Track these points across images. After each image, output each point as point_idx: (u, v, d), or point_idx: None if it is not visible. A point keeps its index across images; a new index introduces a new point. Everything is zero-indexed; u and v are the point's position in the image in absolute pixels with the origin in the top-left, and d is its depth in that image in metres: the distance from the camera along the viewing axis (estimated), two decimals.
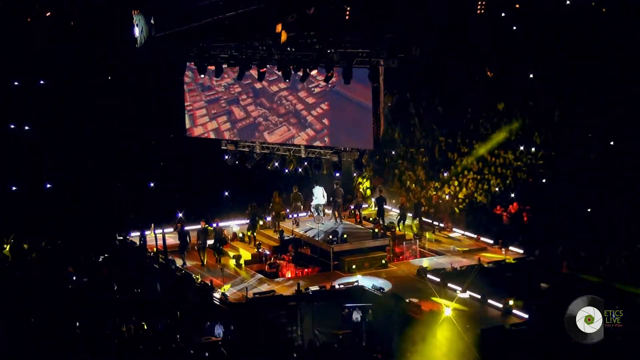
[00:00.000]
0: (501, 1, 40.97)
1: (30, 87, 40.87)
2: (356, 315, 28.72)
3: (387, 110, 39.72)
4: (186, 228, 34.34)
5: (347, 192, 39.14)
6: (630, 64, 36.68)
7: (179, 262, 33.18)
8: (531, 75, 40.46)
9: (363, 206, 39.57)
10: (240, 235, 36.40)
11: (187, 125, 37.02)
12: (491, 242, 35.48)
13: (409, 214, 37.17)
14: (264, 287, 31.02)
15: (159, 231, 34.96)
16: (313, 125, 34.43)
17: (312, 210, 36.55)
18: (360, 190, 41.47)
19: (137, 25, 33.75)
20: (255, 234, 35.83)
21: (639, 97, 36.15)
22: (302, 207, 37.52)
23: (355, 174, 40.27)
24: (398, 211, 37.73)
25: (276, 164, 36.84)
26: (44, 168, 39.45)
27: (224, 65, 34.53)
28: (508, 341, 26.35)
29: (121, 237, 35.92)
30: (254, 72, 34.41)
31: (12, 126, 40.43)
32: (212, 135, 36.69)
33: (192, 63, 35.53)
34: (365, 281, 31.29)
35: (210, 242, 34.16)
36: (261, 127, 35.64)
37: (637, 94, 36.17)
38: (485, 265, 32.58)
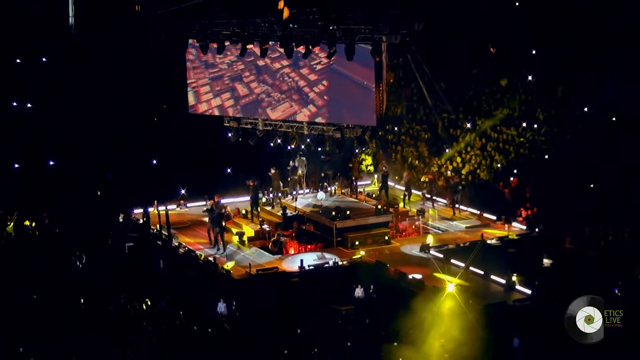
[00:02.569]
0: None
1: (31, 64, 40.68)
2: (359, 292, 28.71)
3: (390, 87, 39.56)
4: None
5: (347, 169, 39.27)
6: (632, 40, 36.45)
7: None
8: (534, 51, 40.24)
9: (363, 182, 39.65)
10: (243, 212, 36.38)
11: (192, 102, 36.92)
12: (494, 218, 35.47)
13: (416, 192, 37.32)
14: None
15: (161, 208, 34.92)
16: (315, 102, 34.32)
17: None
18: (362, 166, 41.47)
19: (138, 2, 33.60)
20: (258, 210, 35.80)
21: None
22: (299, 181, 37.56)
23: (357, 151, 40.10)
24: (403, 188, 37.78)
25: (279, 140, 36.76)
26: (46, 146, 39.32)
27: (227, 43, 34.38)
28: (511, 317, 26.34)
29: (124, 214, 35.87)
30: (256, 49, 34.27)
31: (14, 104, 40.29)
32: (216, 112, 36.60)
33: (195, 40, 35.36)
34: (369, 257, 31.32)
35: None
36: (264, 103, 35.54)
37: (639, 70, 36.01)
38: (488, 242, 32.56)
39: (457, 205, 36.57)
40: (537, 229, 33.61)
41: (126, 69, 40.52)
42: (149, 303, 27.09)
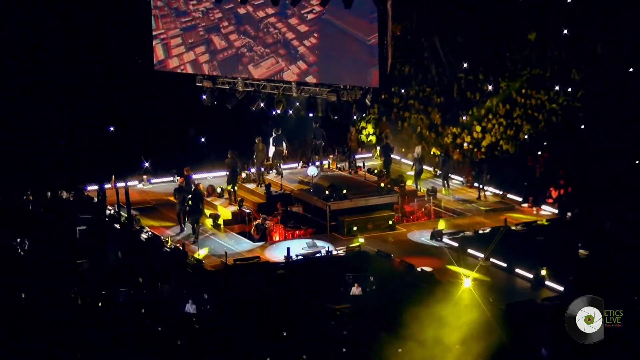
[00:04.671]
0: None
1: None
2: (356, 288, 28.60)
3: (396, 41, 39.37)
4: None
5: (344, 140, 39.16)
6: None
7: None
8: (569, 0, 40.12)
9: (363, 155, 39.71)
10: (219, 190, 36.22)
11: (160, 57, 36.77)
12: (520, 199, 35.38)
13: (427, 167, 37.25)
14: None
15: (121, 184, 34.75)
16: (305, 57, 34.10)
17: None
18: (362, 136, 41.36)
19: None
20: (236, 188, 35.64)
21: None
22: (285, 153, 37.45)
23: (356, 117, 40.01)
24: (412, 163, 37.64)
25: (262, 104, 36.59)
26: None
27: None
28: (538, 318, 26.29)
29: (75, 191, 35.70)
30: None
31: None
32: (189, 69, 36.43)
33: None
34: (369, 246, 31.24)
35: None
36: (245, 59, 35.34)
37: None
38: (513, 228, 32.44)
39: (483, 186, 36.45)
40: (571, 213, 33.50)
41: (78, 17, 40.31)
42: (104, 298, 26.97)
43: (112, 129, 38.68)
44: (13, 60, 39.81)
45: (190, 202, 32.69)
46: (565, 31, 39.65)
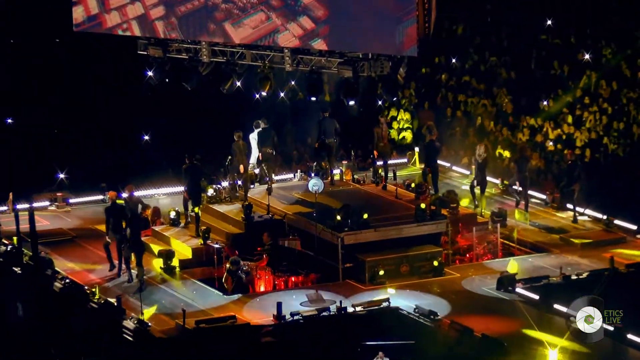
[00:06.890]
0: None
1: None
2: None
3: None
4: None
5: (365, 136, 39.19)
6: None
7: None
8: None
9: (394, 160, 39.90)
10: (173, 214, 36.20)
11: (93, 11, 36.83)
12: (634, 228, 35.42)
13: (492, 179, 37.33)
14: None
15: (22, 206, 34.74)
16: (311, 12, 34.12)
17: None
18: (392, 131, 41.38)
19: None
20: (199, 211, 35.61)
21: None
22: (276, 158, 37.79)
23: (383, 102, 40.04)
24: (469, 172, 37.64)
25: (238, 83, 36.60)
26: None
27: None
28: None
29: None
30: None
31: None
32: (135, 29, 36.49)
33: None
34: (403, 299, 31.20)
35: None
36: (219, 13, 35.42)
37: None
38: (623, 270, 32.41)
39: (577, 208, 36.53)
40: None
41: None
42: None
43: (9, 121, 38.78)
44: None
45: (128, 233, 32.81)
46: None
